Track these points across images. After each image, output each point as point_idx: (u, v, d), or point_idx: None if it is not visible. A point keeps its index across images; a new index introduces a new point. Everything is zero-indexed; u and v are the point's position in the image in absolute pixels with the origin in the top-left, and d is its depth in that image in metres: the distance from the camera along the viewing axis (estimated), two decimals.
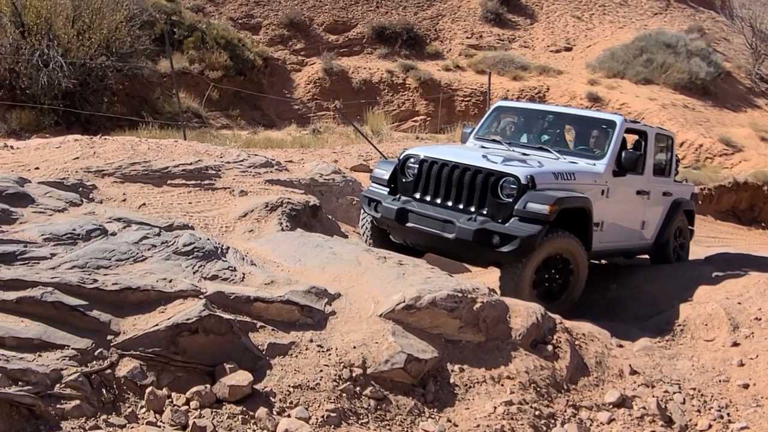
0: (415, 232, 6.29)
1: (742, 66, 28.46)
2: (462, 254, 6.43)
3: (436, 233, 6.04)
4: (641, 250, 7.96)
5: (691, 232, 8.95)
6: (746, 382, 5.16)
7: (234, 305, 4.08)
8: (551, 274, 6.15)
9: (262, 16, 25.11)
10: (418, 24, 27.05)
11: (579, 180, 6.31)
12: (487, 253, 5.93)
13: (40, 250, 4.12)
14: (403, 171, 6.53)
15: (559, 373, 4.74)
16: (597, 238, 6.52)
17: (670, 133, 8.41)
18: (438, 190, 6.21)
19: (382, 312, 4.44)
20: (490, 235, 5.76)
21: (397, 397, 4.02)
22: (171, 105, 17.32)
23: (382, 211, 6.40)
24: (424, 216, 6.15)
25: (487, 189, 5.94)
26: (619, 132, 6.87)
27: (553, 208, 5.76)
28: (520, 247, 5.68)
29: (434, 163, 6.26)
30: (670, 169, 8.10)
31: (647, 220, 7.65)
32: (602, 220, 6.59)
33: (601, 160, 6.71)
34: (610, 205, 6.71)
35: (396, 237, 6.73)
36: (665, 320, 6.36)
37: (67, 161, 6.91)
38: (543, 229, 5.72)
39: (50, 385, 3.19)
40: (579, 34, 29.10)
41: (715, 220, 16.58)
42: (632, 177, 7.09)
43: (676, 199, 8.19)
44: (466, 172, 6.06)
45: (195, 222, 6.07)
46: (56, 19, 15.33)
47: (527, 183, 5.83)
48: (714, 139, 21.37)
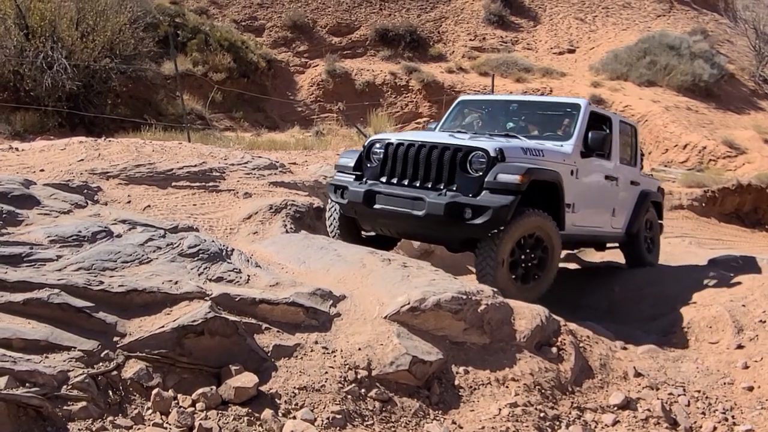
0: (384, 215, 6.08)
1: (746, 68, 28.45)
2: (433, 233, 6.18)
3: (406, 212, 5.84)
4: (613, 238, 7.93)
5: (660, 226, 9.03)
6: (751, 385, 5.16)
7: (239, 307, 4.09)
8: (527, 255, 6.00)
9: (266, 18, 25.16)
10: (421, 26, 27.09)
11: (548, 157, 6.19)
12: (460, 229, 5.76)
13: (46, 252, 4.14)
14: (368, 157, 6.34)
15: (564, 375, 4.75)
16: (569, 219, 6.43)
17: (633, 123, 8.52)
18: (405, 171, 6.02)
19: (387, 314, 4.44)
20: (462, 208, 5.60)
21: (402, 399, 4.02)
22: (174, 107, 17.35)
23: (348, 196, 6.18)
24: (392, 196, 5.96)
25: (455, 165, 5.79)
26: (584, 114, 6.86)
27: (524, 178, 5.65)
28: (493, 218, 5.53)
29: (400, 145, 6.09)
30: (635, 159, 8.14)
31: (617, 208, 7.64)
32: (573, 201, 6.51)
33: (568, 140, 6.67)
34: (580, 186, 6.64)
35: (365, 224, 6.52)
36: (669, 322, 6.36)
37: (72, 163, 6.94)
38: (515, 199, 5.59)
39: (57, 387, 3.20)
40: (582, 36, 29.11)
41: (718, 223, 16.56)
42: (601, 161, 7.09)
43: (644, 189, 8.25)
44: (433, 150, 5.90)
45: (200, 224, 6.08)
46: (60, 22, 15.35)
47: (496, 156, 5.70)
48: (717, 142, 21.35)
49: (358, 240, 6.69)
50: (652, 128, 22.21)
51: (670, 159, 21.29)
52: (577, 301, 7.25)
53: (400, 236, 6.59)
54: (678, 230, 14.48)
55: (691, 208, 16.30)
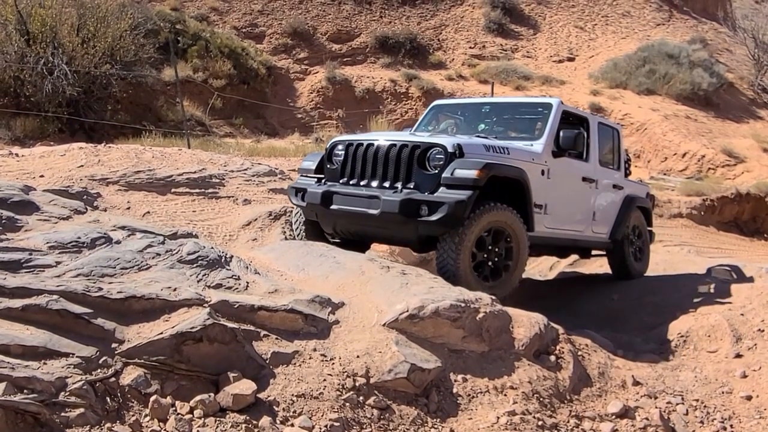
0: (341, 215, 5.93)
1: (745, 77, 28.54)
2: (390, 232, 5.94)
3: (361, 211, 5.69)
4: (597, 244, 7.71)
5: (651, 234, 8.82)
6: (749, 394, 5.16)
7: (238, 314, 4.09)
8: (490, 251, 5.79)
9: (266, 25, 25.22)
10: (421, 34, 27.17)
11: (513, 155, 5.98)
12: (416, 227, 5.57)
13: (45, 258, 4.14)
14: (330, 159, 6.22)
15: (562, 383, 4.74)
16: (542, 221, 6.30)
17: (615, 126, 8.29)
18: (364, 171, 5.87)
19: (386, 321, 4.44)
20: (417, 205, 5.42)
21: (401, 407, 4.01)
22: (174, 113, 17.38)
23: (308, 198, 6.05)
24: (348, 196, 5.82)
25: (413, 162, 5.65)
26: (555, 113, 6.69)
27: (482, 172, 5.45)
28: (449, 214, 5.33)
29: (360, 145, 5.96)
30: (618, 163, 7.94)
31: (598, 211, 7.40)
32: (545, 202, 6.33)
33: (538, 140, 6.49)
34: (552, 187, 6.44)
35: (325, 226, 6.29)
36: (668, 331, 6.36)
37: (72, 169, 6.95)
38: (473, 194, 5.40)
39: (55, 393, 3.19)
40: (582, 44, 29.19)
41: (717, 231, 16.55)
42: (577, 162, 6.91)
43: (630, 194, 8.03)
44: (391, 149, 5.76)
45: (199, 230, 6.09)
46: (61, 28, 15.41)
47: (454, 151, 5.55)
48: (716, 150, 21.39)
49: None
50: (651, 136, 22.24)
51: (669, 167, 21.31)
52: (575, 309, 7.25)
53: (359, 238, 6.33)
54: (677, 239, 14.48)
55: (690, 217, 16.30)
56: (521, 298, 7.63)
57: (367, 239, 6.39)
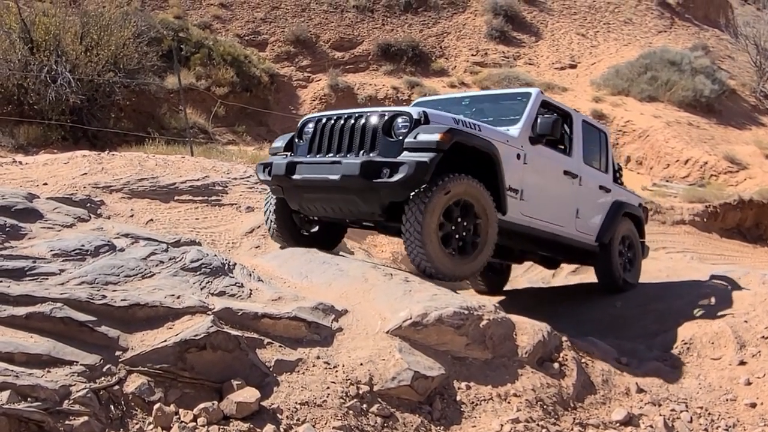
0: (305, 187, 5.78)
1: (747, 83, 28.55)
2: (352, 200, 5.66)
3: (323, 178, 5.55)
4: (581, 245, 7.43)
5: (644, 247, 8.51)
6: (753, 401, 5.14)
7: (241, 321, 4.10)
8: (459, 225, 5.61)
9: (269, 33, 25.30)
10: (423, 41, 27.22)
11: (486, 133, 5.84)
12: (378, 192, 5.41)
13: (49, 266, 4.15)
14: (300, 137, 6.10)
15: (566, 390, 4.73)
16: (518, 207, 6.17)
17: (602, 128, 8.14)
18: (331, 143, 5.74)
19: (389, 329, 4.44)
20: (378, 167, 5.28)
21: (404, 415, 4.01)
22: (177, 121, 17.42)
23: (273, 170, 5.91)
24: (311, 164, 5.71)
25: (377, 131, 5.53)
26: (534, 101, 6.61)
27: (446, 136, 5.30)
28: (409, 174, 5.15)
29: (329, 119, 5.85)
30: (606, 166, 7.84)
31: (582, 209, 7.24)
32: (521, 187, 6.23)
33: (515, 125, 6.40)
34: (530, 173, 6.33)
35: (292, 203, 6.10)
36: (671, 338, 6.35)
37: (76, 177, 6.97)
38: (435, 156, 5.24)
39: (59, 401, 3.19)
40: (584, 51, 29.24)
41: (720, 238, 16.53)
42: (558, 154, 6.84)
43: (619, 200, 7.91)
44: (358, 119, 5.65)
45: (202, 238, 6.10)
46: (65, 36, 15.45)
47: (419, 118, 5.46)
48: (719, 157, 21.38)
49: (298, 237, 6.38)
50: (654, 143, 22.25)
51: (672, 174, 21.31)
52: (579, 316, 7.24)
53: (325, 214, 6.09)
54: (680, 245, 14.47)
55: (693, 223, 16.29)
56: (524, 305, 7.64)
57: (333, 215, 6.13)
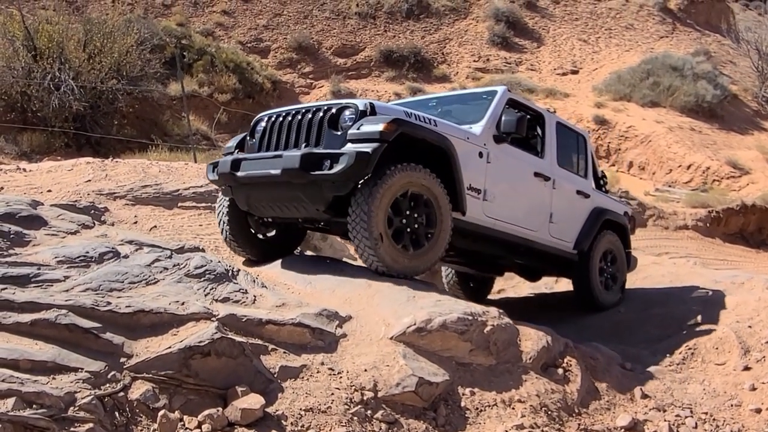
0: (250, 184, 5.55)
1: (749, 89, 28.52)
2: (295, 197, 5.41)
3: (265, 173, 5.33)
4: (557, 251, 7.12)
5: (629, 258, 8.07)
6: (758, 407, 5.13)
7: (246, 328, 4.10)
8: (409, 217, 5.37)
9: (271, 39, 25.36)
10: (425, 47, 27.26)
11: (442, 128, 5.64)
12: (321, 188, 5.18)
13: (54, 273, 4.16)
14: (252, 135, 5.93)
15: (570, 396, 4.73)
16: (481, 207, 5.95)
17: (581, 131, 7.85)
18: (280, 139, 5.57)
19: (393, 335, 4.44)
20: (319, 159, 5.06)
21: (408, 421, 4.00)
22: (180, 127, 17.44)
23: (219, 168, 5.73)
24: (255, 160, 5.53)
25: (323, 124, 5.36)
26: (500, 99, 6.41)
27: (390, 126, 5.09)
28: (349, 165, 4.93)
29: (279, 115, 5.69)
30: (585, 170, 7.60)
31: (557, 214, 6.91)
32: (485, 187, 5.99)
33: (478, 123, 6.18)
34: (494, 173, 6.08)
35: (240, 203, 5.85)
36: (675, 344, 6.33)
37: (79, 184, 6.99)
38: (378, 147, 5.02)
39: (64, 408, 3.20)
40: (585, 57, 29.25)
41: (723, 243, 16.49)
42: (527, 155, 6.63)
43: (600, 206, 7.59)
44: (305, 114, 5.49)
45: (206, 244, 6.11)
46: (68, 43, 15.50)
47: (365, 109, 5.29)
48: (721, 162, 21.36)
49: (253, 242, 6.15)
50: (656, 149, 22.24)
51: (674, 179, 21.29)
52: (582, 322, 7.22)
53: (273, 214, 5.85)
54: (683, 250, 14.45)
55: (696, 229, 16.26)
56: (528, 311, 7.63)
57: (286, 219, 5.96)
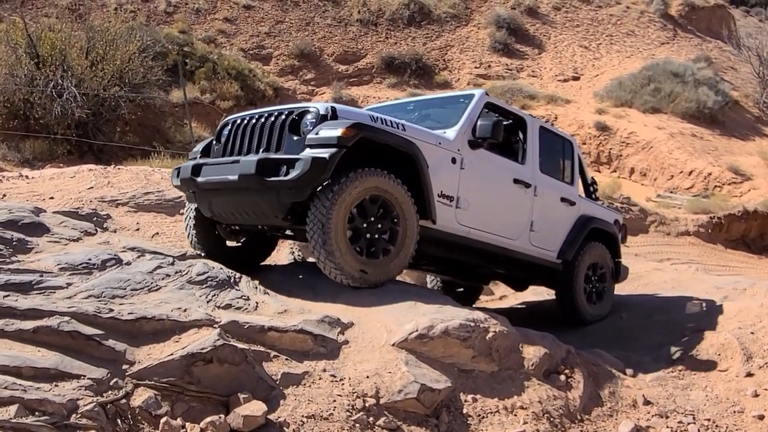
0: (211, 189, 5.43)
1: (750, 95, 28.56)
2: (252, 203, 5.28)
3: (223, 179, 5.20)
4: (540, 261, 6.92)
5: (619, 267, 7.77)
6: (761, 413, 5.11)
7: (248, 334, 4.10)
8: (372, 223, 5.20)
9: (273, 46, 25.43)
10: (427, 54, 27.33)
11: (411, 133, 5.46)
12: (277, 192, 5.02)
13: (56, 280, 4.17)
14: (218, 139, 5.78)
15: (573, 403, 4.72)
16: (454, 215, 5.78)
17: (567, 137, 7.61)
18: (242, 143, 5.43)
19: (395, 341, 4.44)
20: (276, 165, 4.93)
21: (411, 428, 4.00)
22: (182, 134, 17.48)
23: (181, 173, 5.61)
24: (215, 165, 5.40)
25: (284, 129, 5.21)
26: (476, 102, 6.22)
27: (349, 131, 4.94)
28: (305, 171, 4.79)
29: (243, 119, 5.56)
30: (572, 177, 7.35)
31: (538, 222, 6.67)
32: (458, 195, 5.80)
33: (452, 127, 5.98)
34: (468, 179, 5.88)
35: (204, 209, 5.71)
36: (678, 350, 6.32)
37: (82, 191, 7.00)
38: (336, 152, 4.87)
39: (66, 416, 3.20)
40: (586, 63, 29.30)
41: (725, 249, 16.48)
42: (505, 160, 6.42)
43: (587, 214, 7.34)
44: (268, 118, 5.35)
45: None
46: (70, 51, 15.56)
47: (326, 114, 5.12)
48: (723, 168, 21.36)
49: (221, 251, 5.95)
50: (657, 155, 22.25)
51: (676, 185, 21.30)
52: (585, 328, 7.21)
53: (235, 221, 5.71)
54: (684, 257, 14.44)
55: (698, 235, 16.26)
56: (530, 317, 7.62)
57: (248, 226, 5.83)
